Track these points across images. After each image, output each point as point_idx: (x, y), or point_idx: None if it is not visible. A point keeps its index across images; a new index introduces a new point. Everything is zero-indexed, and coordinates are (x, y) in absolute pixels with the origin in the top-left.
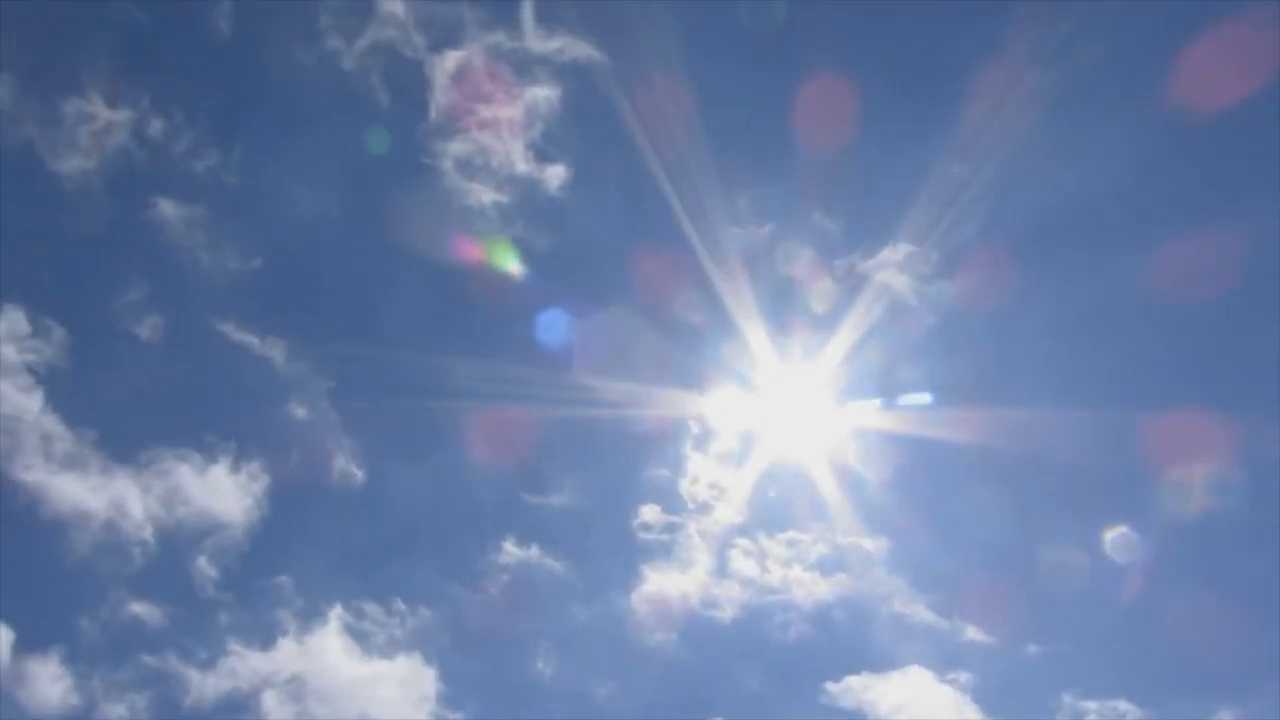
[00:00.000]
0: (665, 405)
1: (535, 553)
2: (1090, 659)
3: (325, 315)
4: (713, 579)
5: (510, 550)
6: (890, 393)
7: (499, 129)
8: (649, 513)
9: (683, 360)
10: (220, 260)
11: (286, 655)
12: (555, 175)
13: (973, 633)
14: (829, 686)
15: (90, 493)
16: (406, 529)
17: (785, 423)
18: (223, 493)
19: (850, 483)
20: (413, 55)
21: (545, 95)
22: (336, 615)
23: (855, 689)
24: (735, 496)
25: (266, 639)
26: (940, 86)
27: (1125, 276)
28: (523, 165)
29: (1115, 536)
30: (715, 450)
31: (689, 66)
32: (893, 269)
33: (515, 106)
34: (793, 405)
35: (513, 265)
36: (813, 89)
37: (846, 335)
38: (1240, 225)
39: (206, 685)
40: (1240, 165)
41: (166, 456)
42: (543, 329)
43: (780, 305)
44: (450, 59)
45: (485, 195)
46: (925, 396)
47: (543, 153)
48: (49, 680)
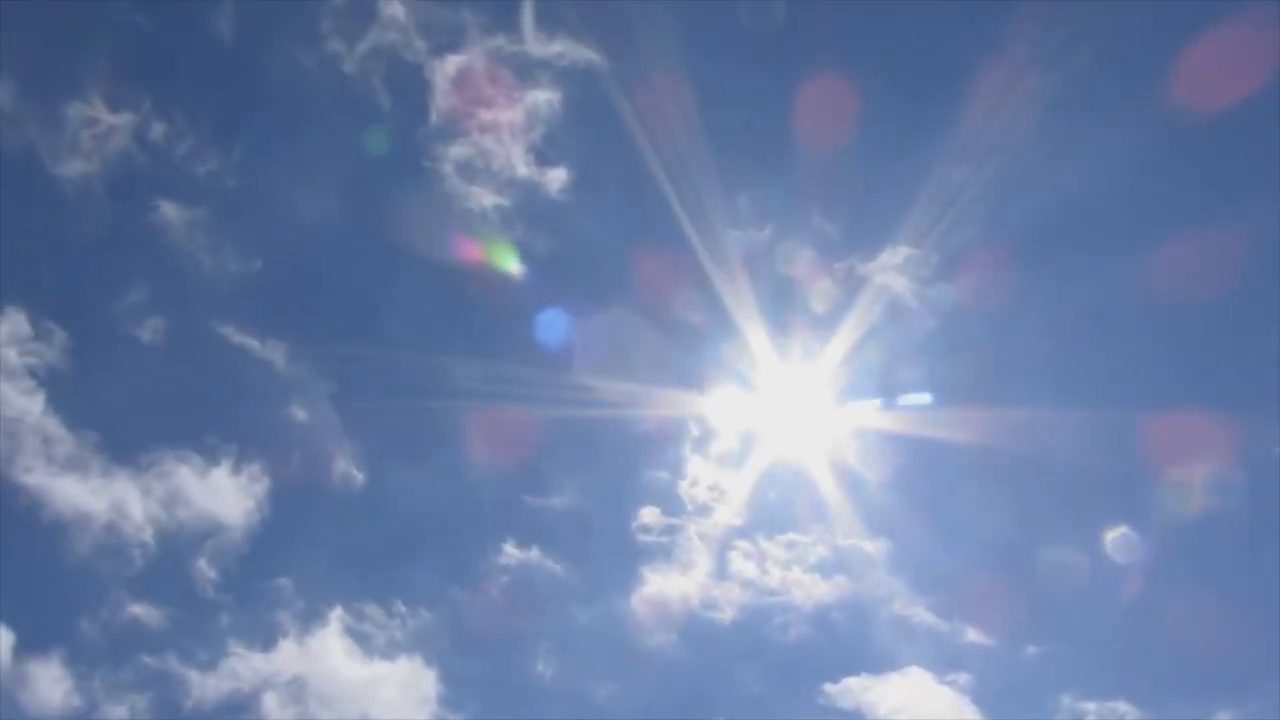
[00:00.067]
0: (665, 407)
1: (535, 554)
2: (1089, 660)
3: (326, 318)
4: (712, 581)
5: (510, 552)
6: (890, 393)
7: (500, 132)
8: (649, 515)
9: (683, 362)
10: (221, 263)
11: (287, 657)
12: (556, 178)
13: (972, 634)
14: (828, 688)
15: (91, 495)
16: (407, 531)
17: (785, 424)
18: (223, 494)
19: (850, 484)
20: (414, 59)
21: (546, 98)
22: (337, 617)
23: (854, 690)
24: (735, 498)
25: (267, 640)
26: (940, 87)
27: (1125, 276)
28: (523, 168)
29: (1115, 537)
30: (715, 451)
31: (689, 68)
32: (892, 271)
33: (516, 110)
34: (792, 406)
35: (513, 267)
36: (813, 90)
37: (846, 336)
38: (1240, 225)
39: (207, 687)
40: (1240, 165)
41: (167, 459)
42: (543, 331)
43: (780, 306)
44: (451, 62)
45: (486, 198)
46: (925, 397)
47: (543, 156)
48: (50, 682)
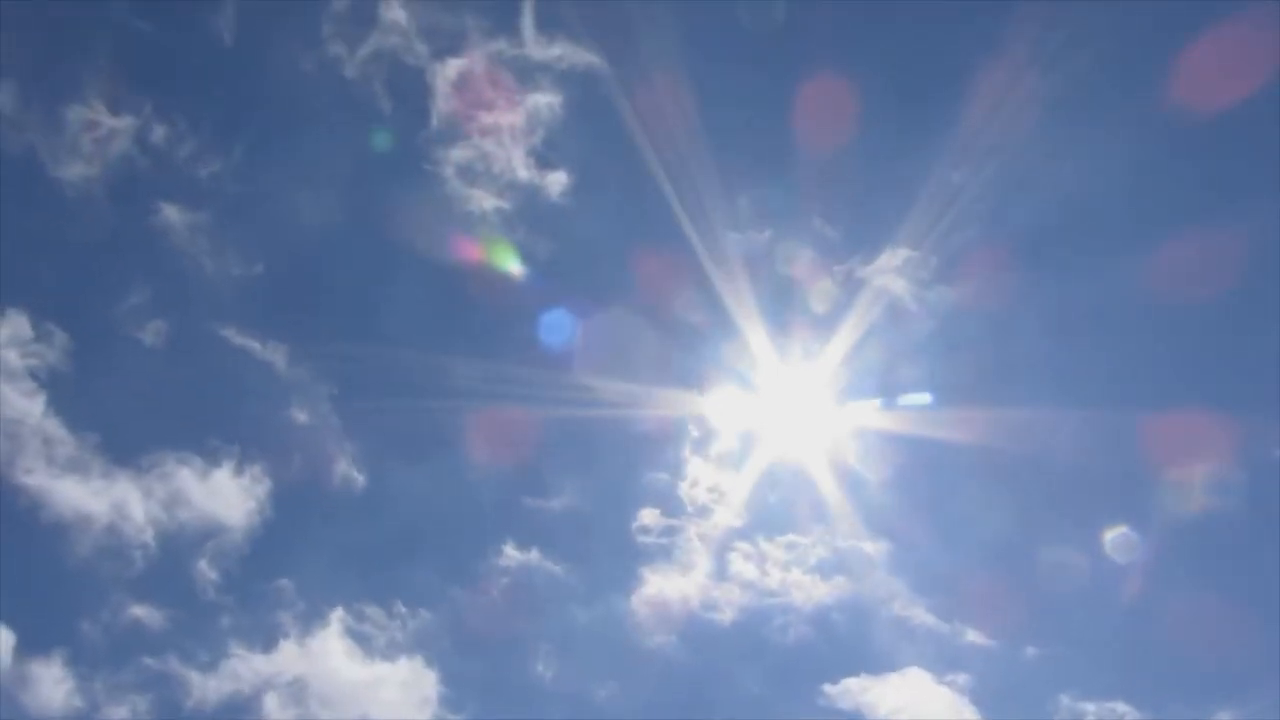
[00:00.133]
0: (665, 407)
1: (535, 556)
2: (1089, 660)
3: (328, 320)
4: (712, 582)
5: (510, 553)
6: (890, 393)
7: (500, 135)
8: (648, 516)
9: (683, 363)
10: (223, 265)
11: (288, 658)
12: (556, 181)
13: (972, 635)
14: (828, 688)
15: (92, 496)
16: (407, 532)
17: (785, 425)
18: (224, 496)
19: (850, 484)
20: (415, 62)
21: (546, 101)
22: (338, 618)
23: (854, 691)
24: (735, 499)
25: (268, 641)
26: (940, 88)
27: (1125, 276)
28: (524, 171)
29: (1115, 537)
30: (715, 452)
31: (689, 70)
32: (892, 274)
33: (516, 113)
34: (792, 407)
35: (514, 269)
36: (812, 90)
37: (846, 337)
38: (1240, 225)
39: (208, 688)
40: (1240, 165)
41: (168, 460)
42: (544, 332)
43: (780, 307)
44: (452, 66)
45: (487, 201)
46: (925, 397)
47: (544, 159)
48: (51, 683)
